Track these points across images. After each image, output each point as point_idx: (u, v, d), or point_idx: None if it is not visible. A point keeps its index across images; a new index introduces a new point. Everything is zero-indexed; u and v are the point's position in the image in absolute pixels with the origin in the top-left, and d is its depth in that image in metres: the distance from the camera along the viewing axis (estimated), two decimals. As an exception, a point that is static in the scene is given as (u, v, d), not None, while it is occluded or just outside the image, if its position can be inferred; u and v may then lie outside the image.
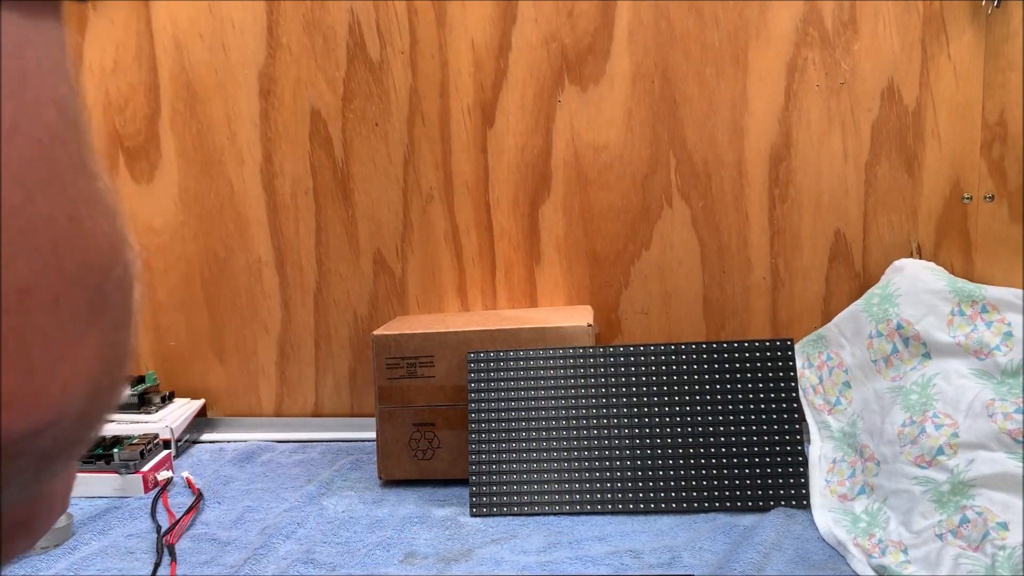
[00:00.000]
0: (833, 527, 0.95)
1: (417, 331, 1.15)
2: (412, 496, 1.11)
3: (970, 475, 0.89)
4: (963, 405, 0.96)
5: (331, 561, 0.94)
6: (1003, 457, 0.89)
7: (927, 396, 1.00)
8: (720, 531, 0.96)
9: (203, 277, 1.38)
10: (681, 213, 1.28)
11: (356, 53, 1.30)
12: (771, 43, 1.22)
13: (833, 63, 1.21)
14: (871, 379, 1.10)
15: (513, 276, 1.33)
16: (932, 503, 0.90)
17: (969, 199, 1.20)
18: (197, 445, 1.34)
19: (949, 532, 0.87)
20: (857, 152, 1.23)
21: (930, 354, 1.05)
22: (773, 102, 1.24)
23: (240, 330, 1.38)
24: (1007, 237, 1.15)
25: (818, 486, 1.04)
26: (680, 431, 1.04)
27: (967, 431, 0.93)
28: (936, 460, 0.93)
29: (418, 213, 1.33)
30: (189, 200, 1.36)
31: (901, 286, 1.11)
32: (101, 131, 1.35)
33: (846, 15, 1.20)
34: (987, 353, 1.01)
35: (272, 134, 1.33)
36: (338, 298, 1.36)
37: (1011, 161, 1.14)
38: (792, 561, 0.89)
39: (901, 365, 1.07)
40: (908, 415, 1.00)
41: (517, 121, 1.29)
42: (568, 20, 1.25)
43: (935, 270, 1.13)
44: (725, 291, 1.29)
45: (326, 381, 1.38)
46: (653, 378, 1.06)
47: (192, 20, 1.32)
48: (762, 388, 1.05)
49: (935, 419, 0.97)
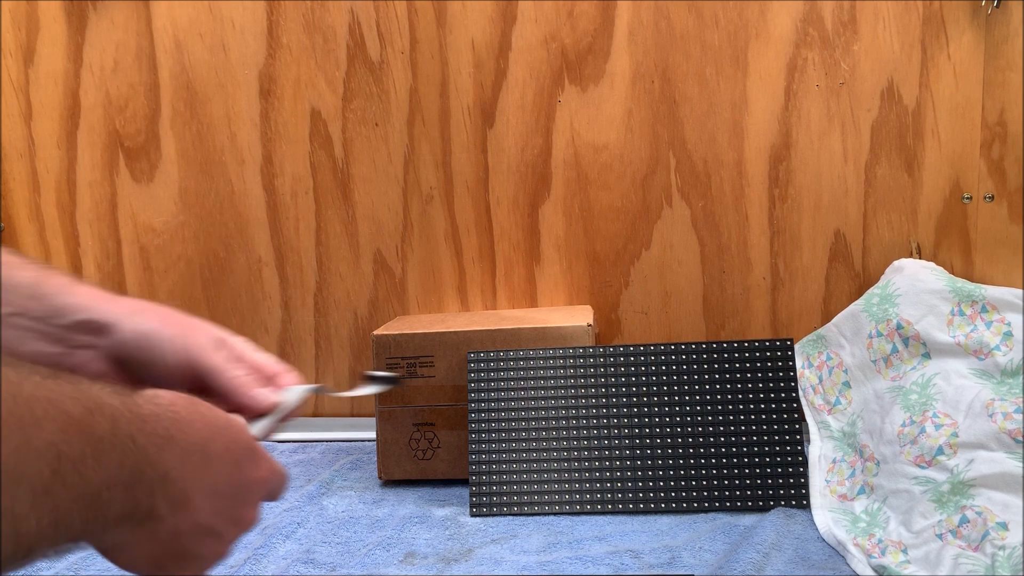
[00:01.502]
0: (833, 527, 0.95)
1: (417, 331, 1.15)
2: (412, 496, 1.11)
3: (970, 475, 0.89)
4: (963, 405, 0.96)
5: (331, 561, 0.94)
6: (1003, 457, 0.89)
7: (927, 396, 1.00)
8: (720, 531, 0.96)
9: (203, 277, 1.38)
10: (681, 213, 1.28)
11: (356, 53, 1.30)
12: (771, 43, 1.22)
13: (833, 63, 1.21)
14: (871, 379, 1.10)
15: (513, 276, 1.33)
16: (932, 503, 0.90)
17: (969, 199, 1.21)
18: (197, 445, 1.34)
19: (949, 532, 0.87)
20: (857, 152, 1.23)
21: (930, 354, 1.05)
22: (773, 102, 1.24)
23: (240, 330, 1.37)
24: (1007, 237, 1.15)
25: (818, 486, 1.04)
26: (680, 431, 1.04)
27: (967, 431, 0.93)
28: (936, 460, 0.93)
29: (418, 213, 1.33)
30: (189, 200, 1.36)
31: (901, 286, 1.11)
32: (101, 131, 1.36)
33: (846, 15, 1.20)
34: (987, 353, 1.01)
35: (272, 134, 1.33)
36: (338, 298, 1.36)
37: (1011, 161, 1.15)
38: (792, 561, 0.89)
39: (901, 365, 1.07)
40: (908, 415, 1.00)
41: (517, 121, 1.29)
42: (568, 20, 1.25)
43: (935, 270, 1.13)
44: (725, 291, 1.29)
45: (326, 381, 1.38)
46: (653, 378, 1.06)
47: (192, 20, 1.32)
48: (762, 388, 1.05)
49: (935, 419, 0.97)
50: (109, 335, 0.51)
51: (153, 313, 0.53)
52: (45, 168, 1.37)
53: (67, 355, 0.51)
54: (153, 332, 0.51)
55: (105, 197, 1.37)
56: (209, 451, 0.41)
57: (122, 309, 0.52)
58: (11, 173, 1.38)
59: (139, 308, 0.53)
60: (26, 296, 0.50)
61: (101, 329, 0.51)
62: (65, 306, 0.51)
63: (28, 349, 0.50)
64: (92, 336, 0.51)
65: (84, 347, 0.51)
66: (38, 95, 1.36)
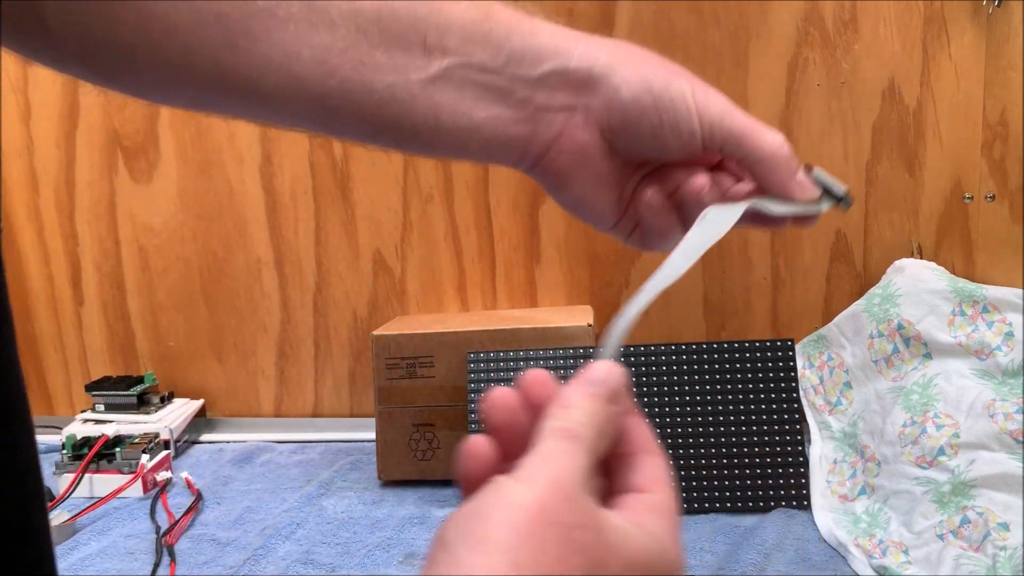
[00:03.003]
0: (834, 528, 0.95)
1: (417, 331, 1.14)
2: (412, 496, 1.11)
3: (971, 475, 0.89)
4: (964, 405, 0.96)
5: (331, 562, 0.93)
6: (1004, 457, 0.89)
7: (928, 396, 1.00)
8: (720, 532, 0.96)
9: (202, 277, 1.38)
10: (681, 213, 1.28)
11: (356, 53, 1.30)
12: (772, 43, 1.22)
13: (834, 63, 1.21)
14: (872, 379, 1.09)
15: (513, 276, 1.33)
16: (933, 503, 0.90)
17: (970, 199, 1.20)
18: (196, 446, 1.34)
19: (950, 532, 0.86)
20: (858, 152, 1.23)
21: (931, 354, 1.05)
22: (774, 102, 1.23)
23: (239, 330, 1.38)
24: (1008, 237, 1.15)
25: (819, 487, 1.04)
26: (680, 431, 1.04)
27: (968, 431, 0.93)
28: (937, 460, 0.93)
29: (418, 213, 1.33)
30: (188, 200, 1.36)
31: (902, 286, 1.11)
32: (100, 131, 1.35)
33: (847, 15, 1.20)
34: (988, 353, 1.00)
35: (271, 134, 1.33)
36: (337, 298, 1.36)
37: (1012, 161, 1.14)
38: (793, 562, 0.89)
39: (902, 365, 1.07)
40: (909, 415, 1.00)
41: (517, 121, 1.28)
42: (568, 19, 1.25)
43: (936, 270, 1.13)
44: (725, 291, 1.29)
45: (325, 381, 1.38)
46: (653, 378, 1.06)
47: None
48: (763, 388, 1.04)
49: (936, 419, 0.96)
50: (595, 91, 0.38)
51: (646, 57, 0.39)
52: (44, 168, 1.37)
53: (535, 122, 0.38)
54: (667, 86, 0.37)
55: (104, 197, 1.37)
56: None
57: (606, 53, 0.38)
58: (9, 173, 1.38)
59: (625, 50, 0.39)
60: (469, 38, 0.36)
61: (584, 83, 0.38)
62: (527, 49, 0.37)
63: (481, 115, 0.37)
64: (571, 94, 0.38)
65: (560, 109, 0.38)
66: (37, 95, 1.35)
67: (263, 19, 0.34)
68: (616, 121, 0.38)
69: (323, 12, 0.34)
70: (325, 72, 0.35)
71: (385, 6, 0.35)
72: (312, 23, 0.34)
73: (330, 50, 0.35)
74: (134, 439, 1.20)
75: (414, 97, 0.36)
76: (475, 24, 0.36)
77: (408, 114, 0.36)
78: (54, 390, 1.43)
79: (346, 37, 0.35)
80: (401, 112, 0.36)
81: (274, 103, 0.36)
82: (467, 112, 0.37)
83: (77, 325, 1.41)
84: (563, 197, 0.41)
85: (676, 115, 0.37)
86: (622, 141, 0.38)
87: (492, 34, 0.36)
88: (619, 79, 0.37)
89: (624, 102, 0.37)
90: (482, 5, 0.37)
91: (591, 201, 0.41)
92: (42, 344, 1.42)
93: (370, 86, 0.35)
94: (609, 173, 0.40)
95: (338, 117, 0.36)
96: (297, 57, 0.34)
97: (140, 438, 1.21)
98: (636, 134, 0.38)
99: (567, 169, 0.39)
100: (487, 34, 0.36)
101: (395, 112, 0.36)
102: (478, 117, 0.37)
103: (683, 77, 0.38)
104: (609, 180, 0.40)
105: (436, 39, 0.36)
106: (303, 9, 0.34)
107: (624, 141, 0.38)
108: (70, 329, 1.41)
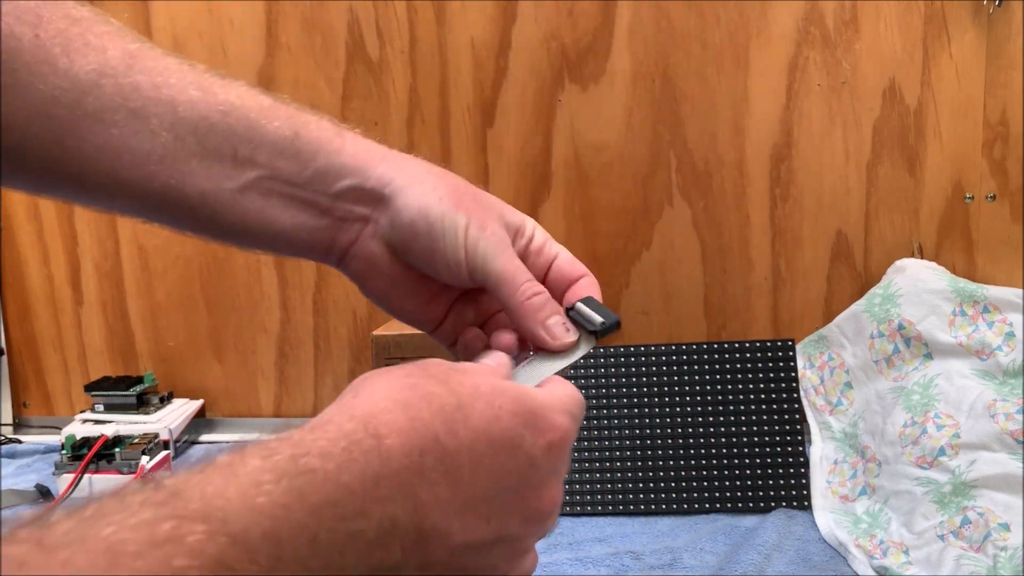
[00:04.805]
0: (834, 528, 0.95)
1: (417, 331, 1.14)
2: (412, 497, 1.11)
3: (971, 476, 0.89)
4: (965, 406, 0.96)
5: (330, 562, 0.93)
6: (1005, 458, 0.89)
7: (929, 396, 1.00)
8: (721, 532, 0.96)
9: (202, 277, 1.37)
10: (682, 213, 1.28)
11: (355, 53, 1.29)
12: (772, 42, 1.22)
13: (834, 62, 1.21)
14: (873, 379, 1.09)
15: (513, 276, 1.33)
16: (933, 504, 0.90)
17: (971, 199, 1.20)
18: (196, 446, 1.34)
19: (950, 533, 0.86)
20: (858, 152, 1.23)
21: (932, 354, 1.05)
22: (774, 101, 1.23)
23: (239, 330, 1.38)
24: (1009, 237, 1.15)
25: (819, 487, 1.03)
26: (681, 431, 1.04)
27: (969, 432, 0.93)
28: (937, 461, 0.93)
29: (418, 213, 1.32)
30: (188, 200, 1.36)
31: (903, 286, 1.11)
32: (100, 131, 1.35)
33: (847, 14, 1.19)
34: (989, 353, 1.00)
35: (271, 134, 1.33)
36: (337, 298, 1.36)
37: (1013, 161, 1.14)
38: (793, 562, 0.89)
39: (903, 365, 1.06)
40: (910, 415, 0.99)
41: (517, 121, 1.28)
42: (568, 19, 1.25)
43: (936, 270, 1.12)
44: (726, 291, 1.29)
45: (325, 382, 1.38)
46: (653, 378, 1.06)
47: (191, 20, 1.32)
48: (763, 388, 1.04)
49: (937, 420, 0.96)
50: (385, 209, 0.41)
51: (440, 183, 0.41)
52: (44, 168, 1.37)
53: (334, 229, 0.42)
54: (442, 216, 0.40)
55: (104, 197, 1.37)
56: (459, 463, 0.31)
57: (402, 174, 0.41)
58: (9, 173, 1.38)
59: (421, 174, 0.42)
60: (280, 154, 0.40)
61: (379, 200, 0.41)
62: (331, 166, 0.41)
63: (287, 221, 0.41)
64: (366, 207, 0.42)
65: (357, 219, 0.42)
66: (36, 94, 1.35)
67: (90, 123, 0.38)
68: (396, 239, 0.42)
69: (145, 121, 0.39)
70: (144, 176, 0.39)
71: (203, 120, 0.40)
72: (135, 131, 0.38)
73: (149, 156, 0.39)
74: (134, 439, 1.20)
75: (225, 204, 0.40)
76: (285, 141, 0.40)
77: (220, 218, 0.41)
78: (53, 390, 1.43)
79: (165, 145, 0.39)
80: (214, 215, 0.41)
81: (100, 197, 0.40)
82: (274, 218, 0.41)
83: (77, 325, 1.41)
84: (367, 294, 0.45)
85: (445, 245, 0.40)
86: (407, 257, 0.42)
87: (301, 152, 0.41)
88: (403, 201, 0.41)
89: (403, 223, 0.41)
90: (295, 124, 0.41)
91: (398, 306, 0.45)
92: (41, 344, 1.42)
93: (185, 191, 0.40)
94: (408, 283, 0.44)
95: (158, 214, 0.41)
96: (119, 161, 0.39)
97: (140, 438, 1.21)
98: (414, 253, 0.42)
99: (362, 272, 0.44)
100: (297, 152, 0.40)
101: (209, 215, 0.41)
102: (284, 223, 0.41)
103: (466, 210, 0.41)
104: (411, 289, 0.44)
105: (247, 152, 0.40)
106: (127, 117, 0.38)
107: (408, 257, 0.42)
108: (70, 329, 1.41)
